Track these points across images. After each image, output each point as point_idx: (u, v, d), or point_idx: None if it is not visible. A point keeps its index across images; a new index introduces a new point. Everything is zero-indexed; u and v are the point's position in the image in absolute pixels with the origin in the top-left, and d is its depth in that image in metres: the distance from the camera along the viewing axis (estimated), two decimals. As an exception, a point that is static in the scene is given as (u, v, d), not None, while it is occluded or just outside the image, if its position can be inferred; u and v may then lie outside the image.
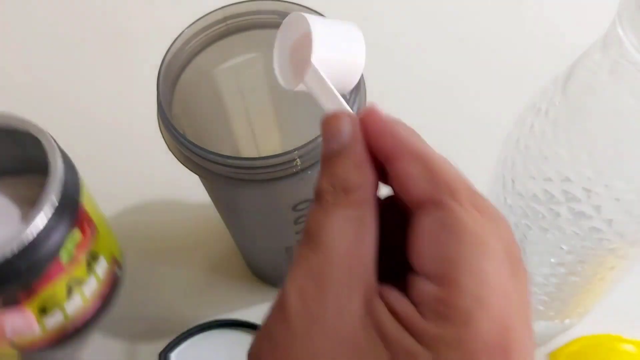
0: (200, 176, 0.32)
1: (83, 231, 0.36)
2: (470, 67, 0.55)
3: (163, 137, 0.32)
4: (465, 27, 0.58)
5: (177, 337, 0.43)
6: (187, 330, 0.43)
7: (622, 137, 0.26)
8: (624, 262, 0.32)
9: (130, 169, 0.45)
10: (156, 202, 0.50)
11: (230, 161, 0.30)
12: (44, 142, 0.35)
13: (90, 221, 0.37)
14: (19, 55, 0.57)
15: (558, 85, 0.28)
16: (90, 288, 0.38)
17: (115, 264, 0.41)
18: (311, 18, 0.24)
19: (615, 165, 0.27)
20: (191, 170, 0.31)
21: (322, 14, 0.33)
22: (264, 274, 0.46)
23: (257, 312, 0.45)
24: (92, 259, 0.38)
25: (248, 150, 0.42)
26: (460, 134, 0.52)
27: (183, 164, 0.31)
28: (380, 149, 0.21)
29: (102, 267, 0.39)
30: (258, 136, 0.42)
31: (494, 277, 0.19)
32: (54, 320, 0.37)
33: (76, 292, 0.37)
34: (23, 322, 0.35)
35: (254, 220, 0.37)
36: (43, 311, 0.36)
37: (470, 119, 0.52)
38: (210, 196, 0.37)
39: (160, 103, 0.31)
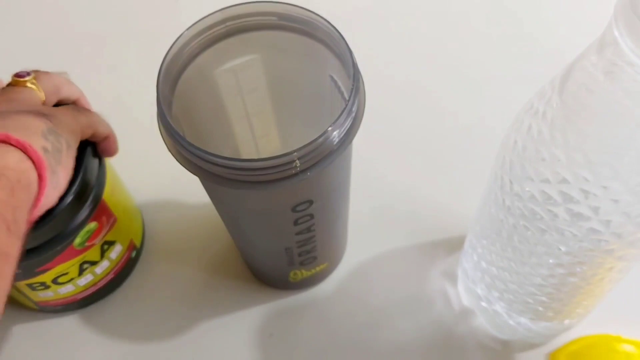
0: (199, 177, 0.32)
1: (100, 223, 0.40)
2: (469, 68, 0.55)
3: (163, 138, 0.32)
4: (464, 27, 0.58)
5: None
6: None
7: (619, 138, 0.26)
8: (623, 263, 0.32)
9: (130, 169, 0.45)
10: (156, 203, 0.50)
11: (229, 162, 0.30)
12: None
13: (109, 214, 0.41)
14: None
15: (555, 86, 0.29)
16: (102, 268, 0.44)
17: (132, 247, 0.46)
18: None
19: (613, 166, 0.27)
20: (190, 172, 0.31)
21: (323, 16, 0.33)
22: (263, 274, 0.46)
23: (256, 312, 0.45)
24: (107, 245, 0.42)
25: (248, 151, 0.42)
26: (459, 135, 0.52)
27: (182, 165, 0.32)
28: None
29: (116, 251, 0.44)
30: (258, 137, 0.42)
31: None
32: (66, 289, 0.43)
33: (88, 271, 0.43)
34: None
35: (253, 221, 0.37)
36: (56, 282, 0.42)
37: (468, 120, 0.52)
38: (210, 197, 0.37)
39: (160, 104, 0.31)
